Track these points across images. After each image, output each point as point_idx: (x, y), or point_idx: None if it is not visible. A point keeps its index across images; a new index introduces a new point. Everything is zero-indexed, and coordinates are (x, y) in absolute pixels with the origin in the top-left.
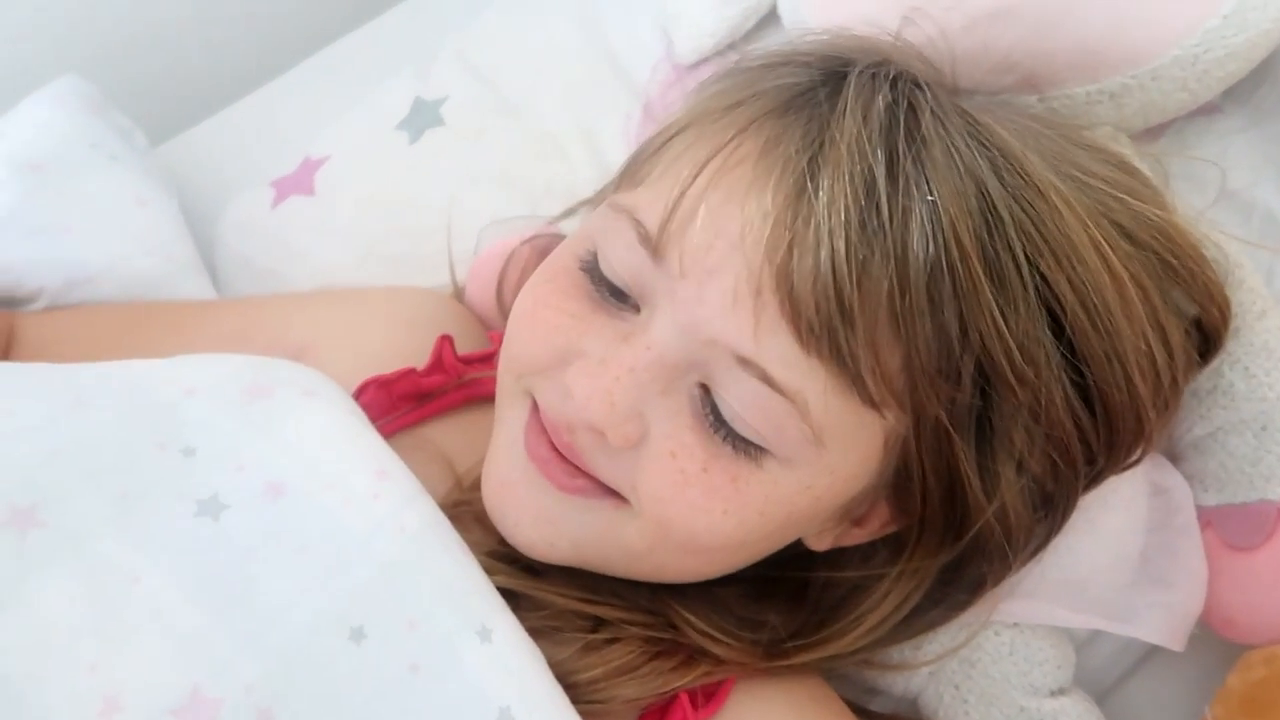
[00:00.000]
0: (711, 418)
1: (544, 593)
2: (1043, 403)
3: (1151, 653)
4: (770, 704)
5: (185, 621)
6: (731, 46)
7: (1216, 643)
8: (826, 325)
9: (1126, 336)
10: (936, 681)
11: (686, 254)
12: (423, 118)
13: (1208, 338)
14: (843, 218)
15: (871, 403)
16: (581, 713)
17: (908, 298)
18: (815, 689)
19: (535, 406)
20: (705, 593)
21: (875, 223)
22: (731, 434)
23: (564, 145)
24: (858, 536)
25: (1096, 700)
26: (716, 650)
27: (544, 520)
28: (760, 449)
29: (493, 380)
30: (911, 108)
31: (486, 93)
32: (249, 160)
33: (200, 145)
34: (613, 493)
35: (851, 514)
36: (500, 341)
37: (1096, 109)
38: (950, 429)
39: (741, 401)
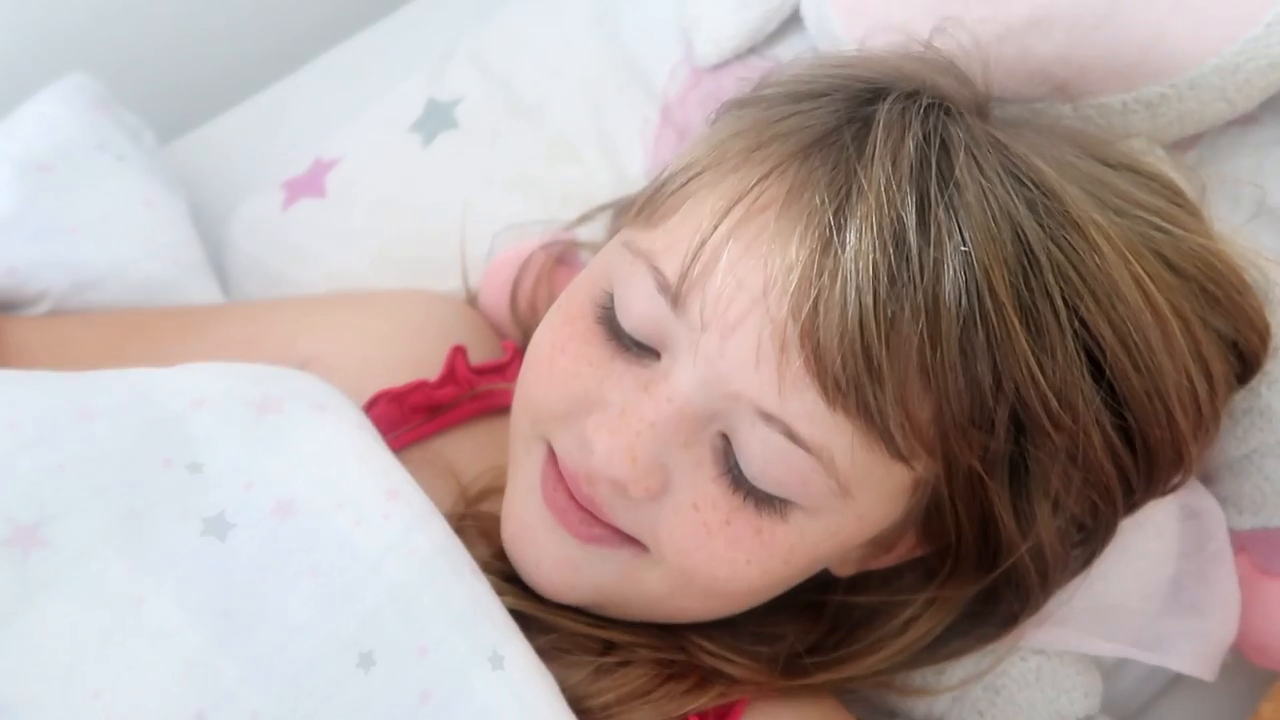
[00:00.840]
0: (733, 471)
1: (550, 614)
2: (1080, 446)
3: (1180, 678)
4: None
5: (190, 646)
6: (752, 50)
7: (1248, 669)
8: (854, 382)
9: (1169, 373)
10: (960, 707)
11: (708, 305)
12: (436, 120)
13: (1246, 361)
14: (871, 273)
15: (900, 455)
16: None
17: (939, 351)
18: (830, 711)
19: (552, 453)
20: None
21: (905, 276)
22: (754, 488)
23: (580, 149)
24: (883, 561)
25: None
26: (731, 670)
27: (564, 567)
28: (785, 501)
29: (506, 392)
30: (944, 145)
31: (501, 95)
32: (260, 160)
33: (210, 144)
34: (631, 540)
35: (879, 544)
36: (514, 351)
37: (1131, 118)
38: (984, 475)
39: (765, 456)
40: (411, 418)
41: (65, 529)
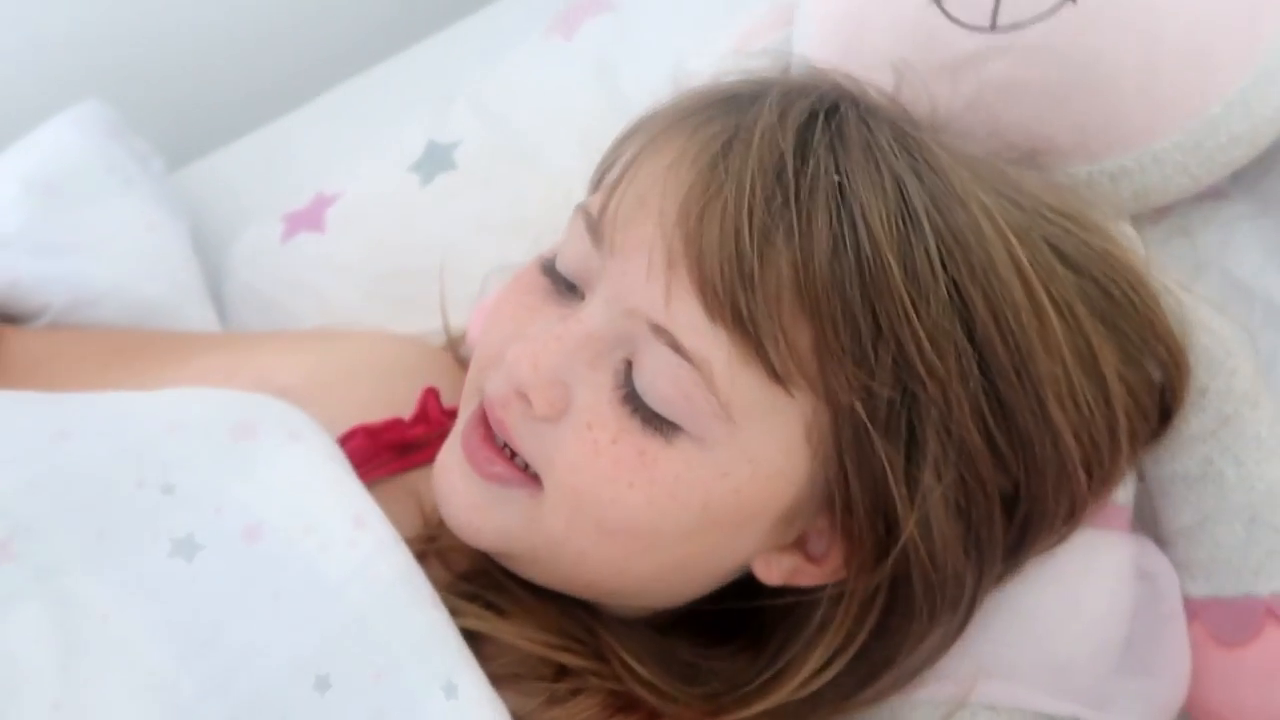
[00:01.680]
0: (626, 389)
1: (506, 635)
2: (952, 405)
3: None
4: None
5: (152, 662)
6: None
7: None
8: (729, 292)
9: (1040, 358)
10: None
11: (617, 232)
12: (435, 161)
13: (1166, 383)
14: (748, 190)
15: (776, 376)
16: None
17: (811, 269)
18: None
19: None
20: (651, 638)
21: (780, 198)
22: (642, 406)
23: (575, 193)
24: (813, 575)
25: None
26: (656, 701)
27: (471, 507)
28: (673, 426)
29: None
30: (835, 108)
31: (500, 138)
32: (263, 190)
33: (216, 173)
34: (530, 482)
35: (804, 545)
36: None
37: (1096, 189)
38: (868, 423)
39: (654, 370)
40: (384, 454)
41: (36, 545)
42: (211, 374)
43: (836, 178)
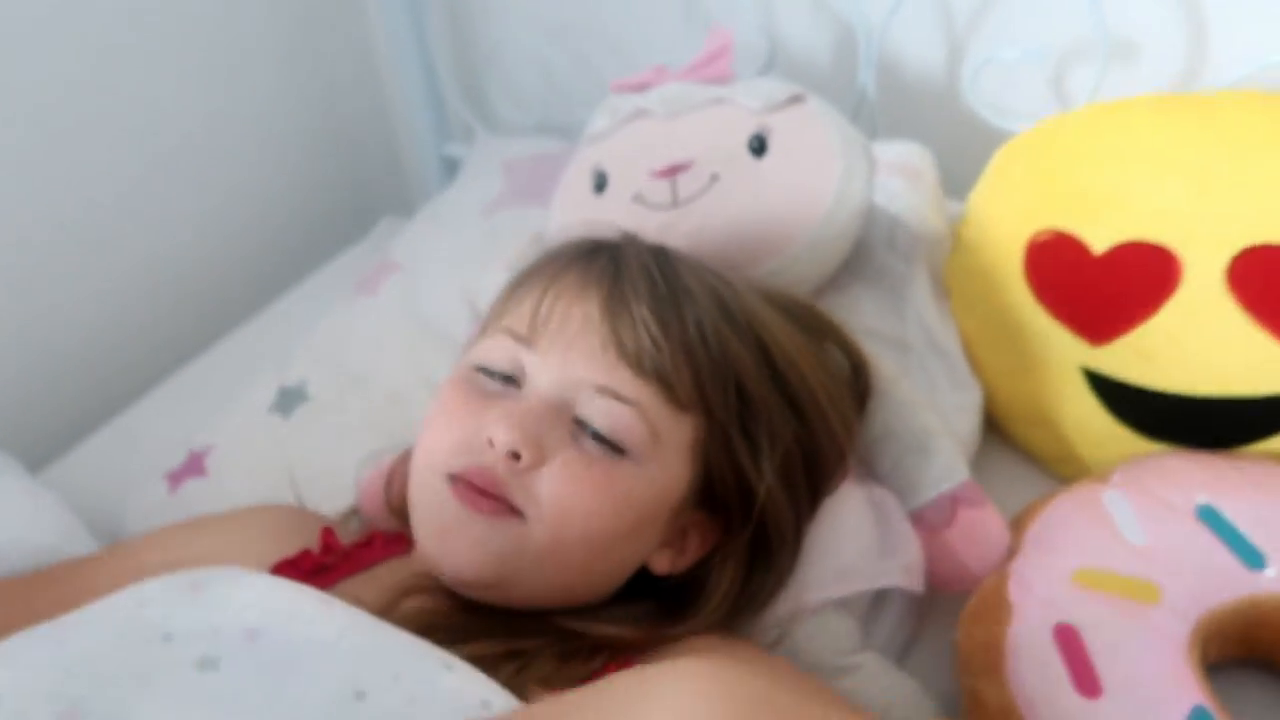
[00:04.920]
0: (588, 433)
1: (470, 648)
2: (769, 406)
3: (919, 631)
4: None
5: None
6: None
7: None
8: (647, 358)
9: (801, 367)
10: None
11: (551, 337)
12: (290, 399)
13: (861, 383)
14: (644, 298)
15: (680, 404)
16: None
17: (688, 339)
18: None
19: (450, 479)
20: (592, 612)
21: (660, 301)
22: (601, 439)
23: (410, 396)
24: (685, 558)
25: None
26: (616, 632)
27: (474, 543)
28: (620, 450)
29: (376, 552)
30: (663, 250)
31: (338, 371)
32: (138, 465)
33: (85, 465)
34: (516, 514)
35: (680, 541)
36: (377, 536)
37: (776, 280)
38: (725, 430)
39: (605, 414)
40: (307, 578)
41: (98, 705)
42: (129, 572)
43: (685, 283)
